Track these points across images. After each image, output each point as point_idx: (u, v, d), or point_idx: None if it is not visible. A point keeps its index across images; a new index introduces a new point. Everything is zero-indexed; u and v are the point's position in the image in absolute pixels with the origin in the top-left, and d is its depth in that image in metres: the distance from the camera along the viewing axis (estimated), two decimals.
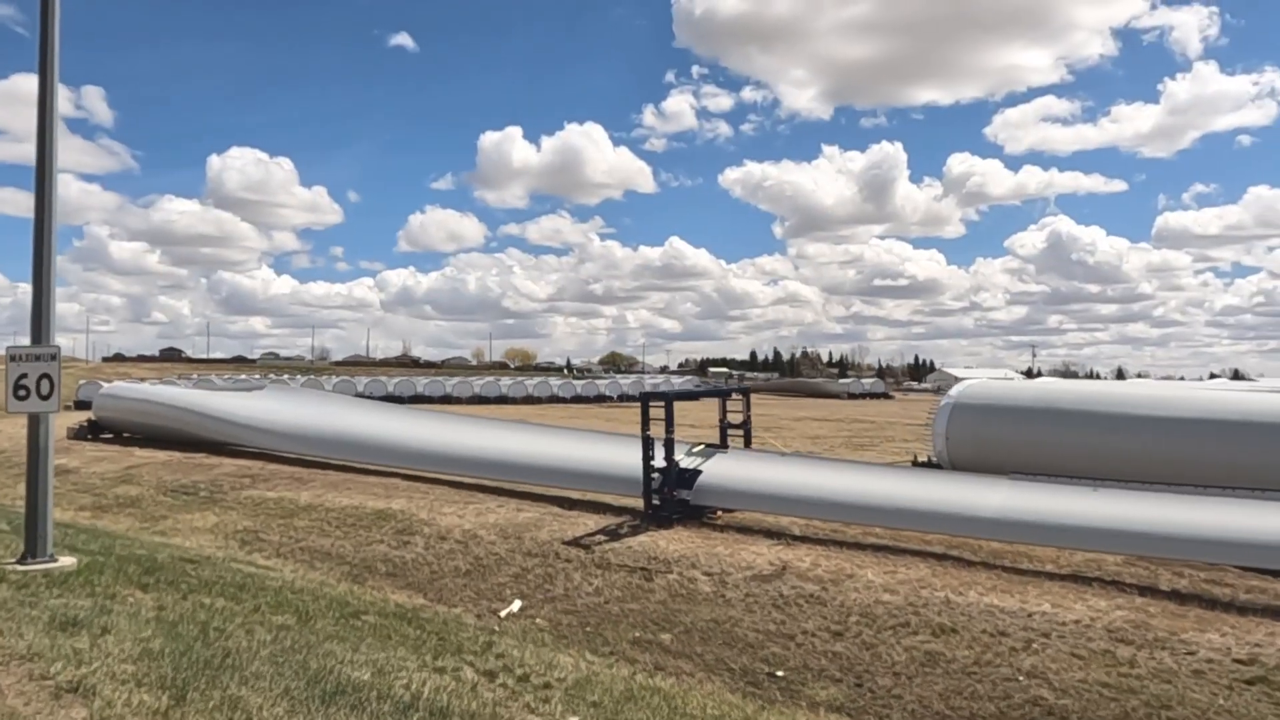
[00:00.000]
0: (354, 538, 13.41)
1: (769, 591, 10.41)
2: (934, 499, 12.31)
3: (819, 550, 12.08)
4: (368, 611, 7.96)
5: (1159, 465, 12.78)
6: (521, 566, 11.81)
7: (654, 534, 13.16)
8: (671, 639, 9.02)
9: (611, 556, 12.08)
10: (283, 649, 5.44)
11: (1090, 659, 8.09)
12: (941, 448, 16.02)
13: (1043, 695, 7.38)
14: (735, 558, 11.76)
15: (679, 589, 10.70)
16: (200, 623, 5.93)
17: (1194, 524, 10.65)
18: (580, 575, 11.35)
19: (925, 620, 9.22)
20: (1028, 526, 11.22)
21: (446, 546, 12.81)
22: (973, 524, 11.64)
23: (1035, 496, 11.70)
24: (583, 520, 14.20)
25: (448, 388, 77.82)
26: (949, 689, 7.64)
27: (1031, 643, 8.53)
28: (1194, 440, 13.10)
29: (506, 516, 14.39)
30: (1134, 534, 10.71)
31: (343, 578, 11.22)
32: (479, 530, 13.52)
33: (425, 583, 11.27)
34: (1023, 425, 15.02)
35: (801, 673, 8.10)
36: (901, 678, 7.93)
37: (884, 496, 12.91)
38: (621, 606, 10.14)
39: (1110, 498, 11.38)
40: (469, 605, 10.25)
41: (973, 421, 15.65)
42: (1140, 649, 8.24)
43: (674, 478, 14.13)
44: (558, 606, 10.20)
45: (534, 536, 13.12)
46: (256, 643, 5.53)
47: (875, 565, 11.23)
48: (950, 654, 8.36)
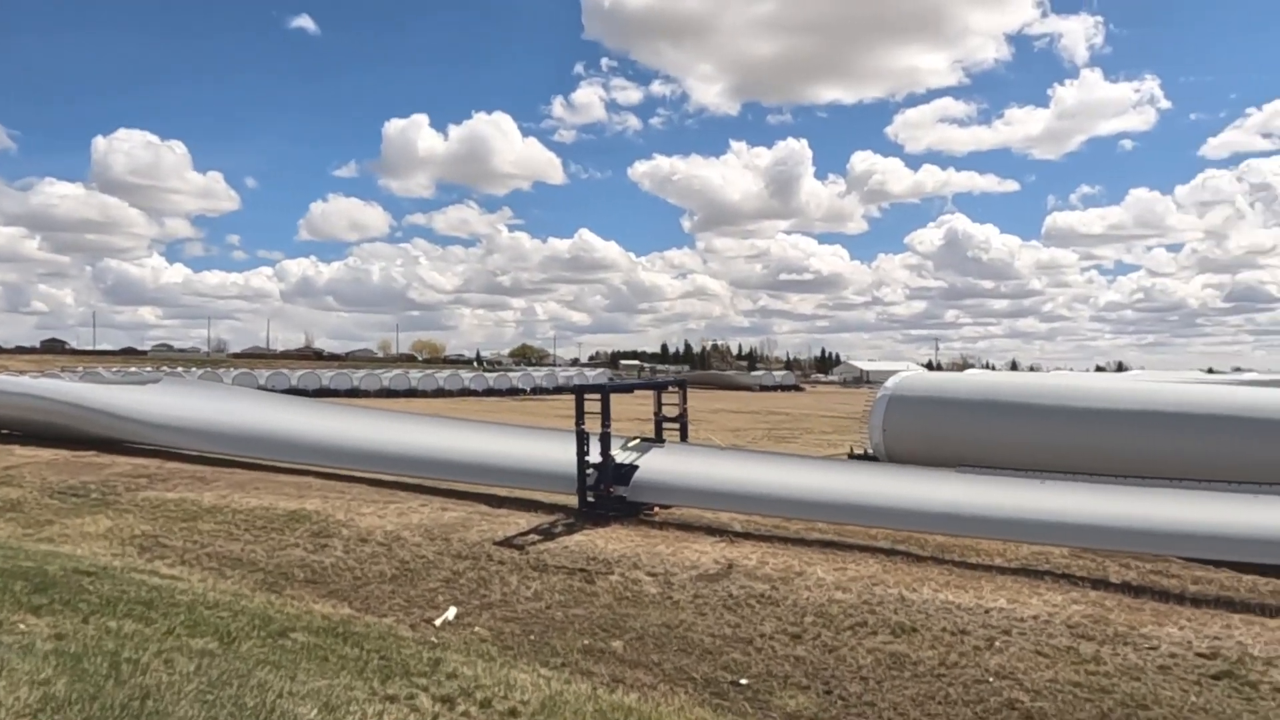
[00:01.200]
0: (266, 542, 12.43)
1: (718, 592, 9.98)
2: (880, 492, 12.09)
3: (764, 547, 11.73)
4: (295, 628, 7.17)
5: (1097, 457, 12.87)
6: (452, 570, 11.10)
7: (590, 532, 12.61)
8: (624, 646, 8.48)
9: (548, 557, 11.47)
10: (210, 682, 4.67)
11: (1056, 657, 7.89)
12: (878, 440, 15.90)
13: (1018, 698, 7.12)
14: (679, 556, 11.30)
15: (623, 591, 10.17)
16: (109, 654, 5.07)
17: (1138, 516, 10.68)
18: (517, 578, 10.71)
19: (883, 619, 8.92)
20: (978, 520, 11.08)
21: (369, 550, 11.97)
22: (921, 518, 11.45)
23: (983, 489, 11.59)
24: (513, 519, 13.54)
25: (355, 381, 75.43)
26: (921, 693, 7.32)
27: (994, 641, 8.30)
28: (1133, 432, 13.26)
29: (431, 516, 13.61)
30: (1081, 526, 10.67)
31: (257, 587, 10.30)
32: (402, 532, 12.72)
33: (349, 590, 10.44)
34: (960, 418, 15.01)
35: (766, 680, 7.66)
36: (870, 682, 7.57)
37: (827, 490, 12.65)
38: (565, 612, 9.55)
39: (1056, 490, 11.35)
40: (400, 614, 9.49)
41: (910, 414, 15.58)
42: (1103, 645, 8.09)
43: (610, 473, 13.59)
44: (497, 614, 9.54)
45: (463, 537, 12.40)
46: (179, 676, 4.73)
47: (824, 562, 10.92)
48: (915, 655, 8.06)
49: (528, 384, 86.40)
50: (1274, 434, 12.73)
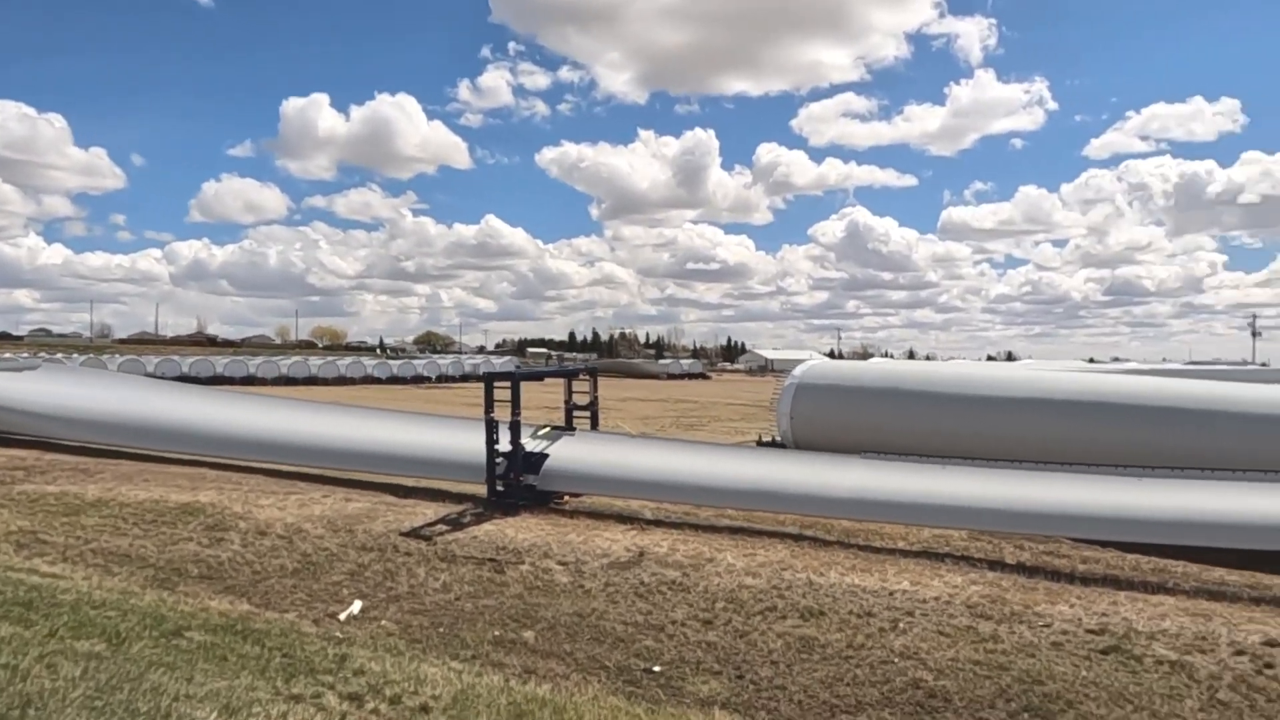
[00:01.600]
0: (156, 536, 11.84)
1: (629, 580, 9.96)
2: (788, 479, 12.28)
3: (675, 534, 11.77)
4: (190, 626, 6.82)
5: (994, 442, 13.36)
6: (357, 562, 10.78)
7: (500, 522, 12.44)
8: (535, 637, 8.38)
9: (457, 548, 11.26)
10: (99, 687, 4.37)
11: (957, 636, 8.14)
12: (786, 427, 16.16)
13: (922, 677, 7.31)
14: (589, 545, 11.24)
15: (534, 581, 10.06)
16: None
17: (1031, 499, 11.12)
18: (425, 570, 10.48)
19: (792, 604, 9.05)
20: (881, 505, 11.36)
21: (268, 543, 11.53)
22: (827, 504, 11.68)
23: (886, 475, 11.89)
24: (420, 509, 13.26)
25: (251, 368, 72.78)
26: (830, 675, 7.45)
27: (898, 622, 8.51)
28: (1025, 418, 13.80)
29: (334, 507, 13.21)
30: (978, 510, 11.05)
31: (148, 584, 9.81)
32: (304, 524, 12.30)
33: (248, 585, 10.03)
34: (866, 405, 15.37)
35: (679, 666, 7.69)
36: (780, 666, 7.67)
37: (736, 477, 12.78)
38: (475, 603, 9.39)
39: (956, 475, 11.72)
40: (302, 609, 9.16)
41: (817, 402, 15.87)
42: (1000, 624, 8.38)
43: (520, 462, 13.44)
44: (404, 606, 9.31)
45: (368, 529, 12.07)
46: (64, 682, 4.41)
47: (734, 548, 11.02)
48: (824, 638, 8.20)
49: (433, 372, 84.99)
50: (1151, 420, 13.42)
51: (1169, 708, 6.63)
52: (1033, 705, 6.79)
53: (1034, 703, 6.82)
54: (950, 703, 6.91)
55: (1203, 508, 10.51)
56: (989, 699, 6.92)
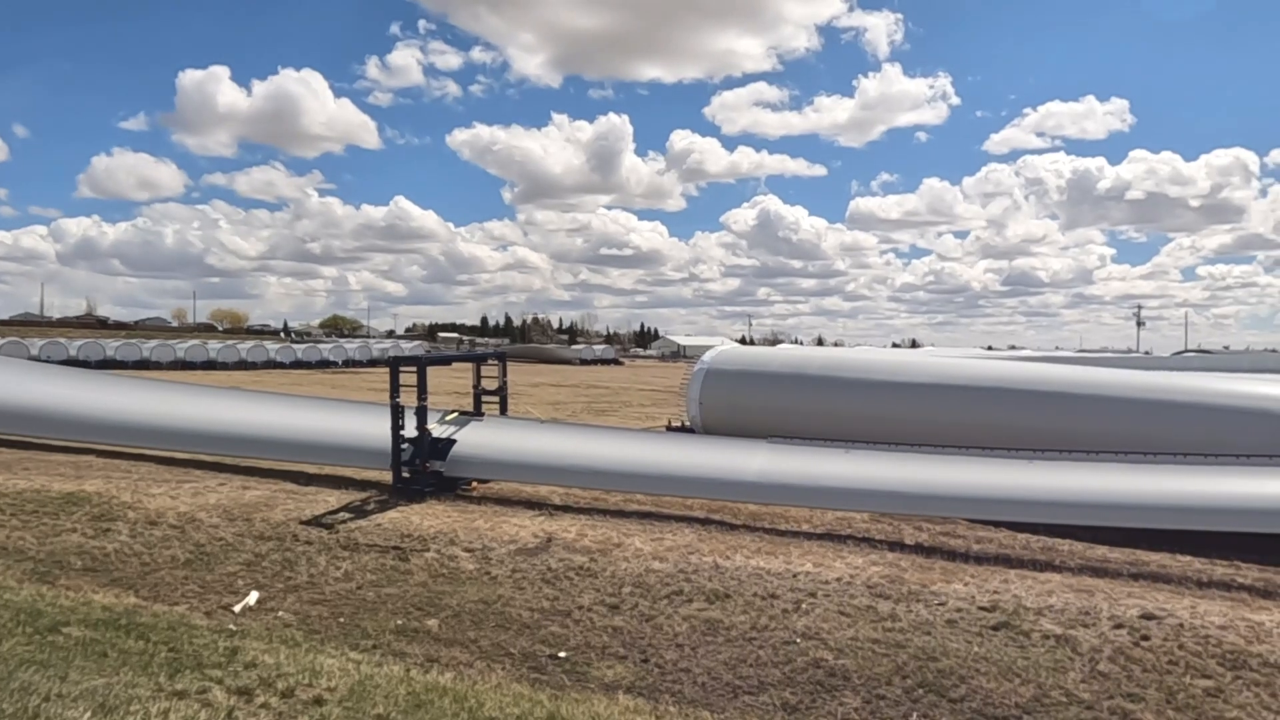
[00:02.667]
0: (37, 527, 11.25)
1: (537, 566, 9.90)
2: (696, 464, 12.37)
3: (583, 520, 11.75)
4: (69, 622, 6.48)
5: (898, 426, 13.72)
6: (254, 552, 10.44)
7: (405, 509, 12.22)
8: (439, 625, 8.25)
9: (360, 536, 11.01)
10: None
11: (857, 616, 8.33)
12: (695, 413, 16.28)
13: (823, 656, 7.46)
14: (497, 531, 11.13)
15: (439, 569, 9.90)
16: None
17: (930, 481, 11.45)
18: (325, 559, 10.21)
19: (698, 587, 9.12)
20: (786, 489, 11.55)
21: (159, 533, 11.08)
22: (734, 488, 11.81)
23: (792, 459, 12.08)
24: (322, 497, 12.92)
25: (145, 351, 69.60)
26: (733, 657, 7.54)
27: (801, 604, 8.66)
28: (926, 402, 14.21)
29: (231, 496, 12.77)
30: (880, 492, 11.34)
31: (26, 577, 9.30)
32: (198, 513, 11.86)
33: (135, 578, 9.61)
34: (773, 390, 15.58)
35: (585, 652, 7.67)
36: (685, 649, 7.73)
37: (646, 462, 12.82)
38: (378, 592, 9.19)
39: (858, 459, 11.99)
40: (194, 601, 8.82)
41: (725, 387, 16.03)
42: (899, 603, 8.61)
43: (426, 448, 13.20)
44: (303, 596, 9.06)
45: (266, 517, 11.70)
46: None
47: (641, 533, 11.06)
48: (728, 620, 8.30)
49: (339, 356, 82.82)
50: (1042, 405, 13.97)
51: (1054, 680, 6.91)
52: (927, 681, 6.99)
53: (929, 679, 7.03)
54: (849, 681, 7.07)
55: (1088, 488, 10.99)
56: (886, 676, 7.10)
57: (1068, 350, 50.35)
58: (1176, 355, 32.39)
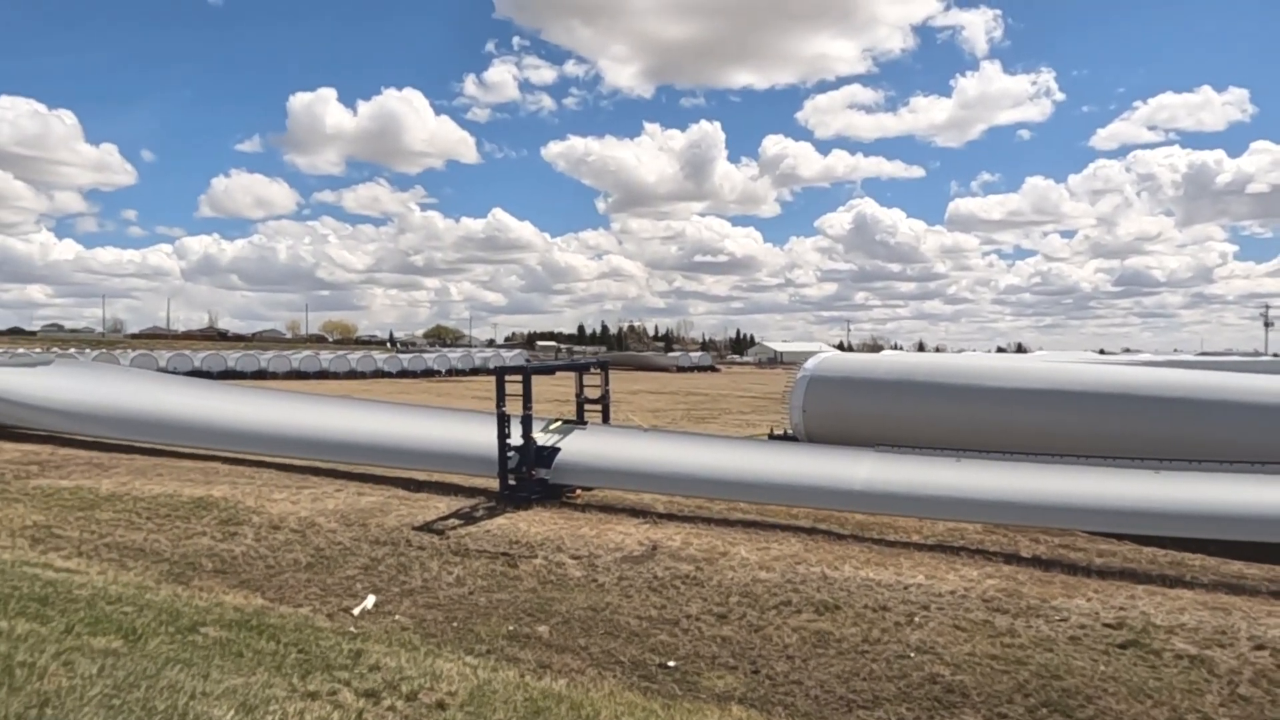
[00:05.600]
0: (170, 530, 11.89)
1: (643, 574, 9.94)
2: (800, 472, 12.23)
3: (687, 528, 11.74)
4: (205, 622, 6.83)
5: (1010, 434, 13.26)
6: (370, 557, 10.80)
7: (512, 516, 12.44)
8: (550, 631, 8.36)
9: (469, 542, 11.27)
10: (116, 685, 4.36)
11: (973, 630, 8.08)
12: (798, 420, 16.09)
13: (939, 671, 7.27)
14: (602, 539, 11.23)
15: (548, 575, 10.04)
16: (1, 657, 4.70)
17: (1046, 491, 11.03)
18: (438, 564, 10.48)
19: (806, 598, 9.01)
20: (894, 498, 11.30)
21: (281, 537, 11.56)
22: (841, 497, 11.62)
23: (899, 468, 11.82)
24: (433, 503, 13.27)
25: (262, 362, 73.01)
26: (846, 670, 7.41)
27: (914, 616, 8.46)
28: (1041, 410, 13.70)
29: (347, 501, 13.24)
30: (993, 503, 10.97)
31: (162, 578, 9.84)
32: (317, 518, 12.33)
33: (262, 580, 10.06)
34: (878, 398, 15.28)
35: (694, 661, 7.66)
36: (796, 661, 7.64)
37: (749, 470, 12.73)
38: (489, 597, 9.38)
39: (970, 468, 11.65)
40: (316, 604, 9.18)
41: (829, 394, 15.80)
42: (1017, 618, 8.32)
43: (532, 455, 13.42)
44: (418, 600, 9.31)
45: (380, 523, 12.09)
46: (81, 680, 4.40)
47: (747, 542, 10.99)
48: (839, 633, 8.16)
49: (443, 365, 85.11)
50: (1163, 412, 13.31)
51: (1189, 703, 6.57)
52: (1051, 700, 6.74)
53: (1053, 698, 6.77)
54: (968, 698, 6.86)
55: (1219, 500, 10.40)
56: (1007, 694, 6.87)
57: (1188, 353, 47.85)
58: None
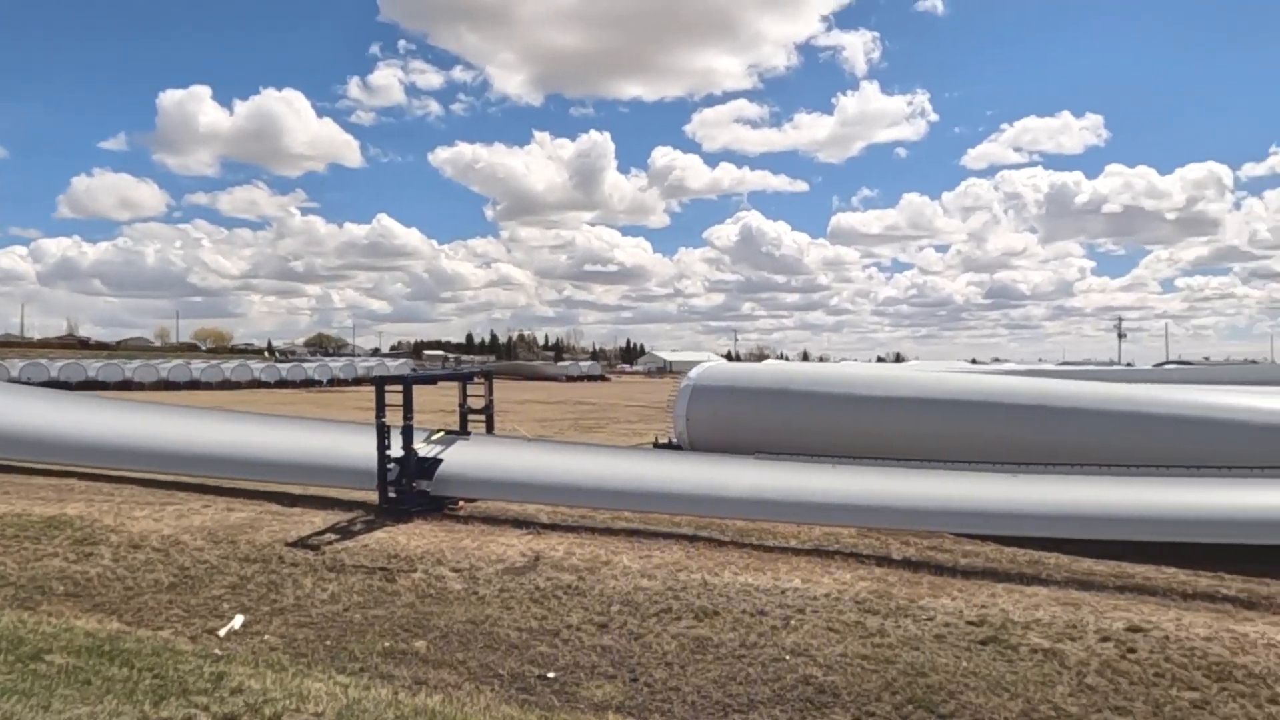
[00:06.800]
0: (18, 552, 11.13)
1: (524, 585, 9.86)
2: (683, 480, 12.37)
3: (570, 538, 11.72)
4: (51, 649, 6.41)
5: (884, 441, 13.76)
6: (239, 575, 10.36)
7: (392, 529, 12.16)
8: (427, 646, 8.20)
9: (346, 557, 10.95)
10: None
11: (845, 632, 8.33)
12: (682, 429, 16.28)
13: (812, 673, 7.45)
14: (484, 551, 11.09)
15: (427, 589, 9.85)
16: None
17: (916, 495, 11.49)
18: (311, 581, 10.14)
19: (687, 604, 9.11)
20: (773, 504, 11.55)
21: (142, 556, 10.97)
22: (722, 504, 11.81)
23: (779, 475, 12.09)
24: (308, 518, 12.85)
25: (127, 372, 69.24)
26: (723, 675, 7.52)
27: (789, 620, 8.66)
28: (913, 417, 14.26)
29: (216, 518, 12.68)
30: (866, 507, 11.36)
31: (7, 603, 9.19)
32: (182, 535, 11.77)
33: (119, 602, 9.51)
34: (760, 406, 15.61)
35: (574, 672, 7.63)
36: (674, 667, 7.70)
37: (633, 479, 12.81)
38: (364, 613, 9.13)
39: (845, 473, 12.02)
40: (179, 626, 8.74)
41: (712, 403, 16.05)
42: (887, 618, 8.62)
43: (413, 467, 13.16)
44: (289, 619, 8.98)
45: (251, 539, 11.62)
46: None
47: (630, 550, 11.04)
48: (717, 638, 8.28)
49: (325, 375, 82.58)
50: (1026, 418, 14.06)
51: (1042, 694, 6.93)
52: (917, 697, 6.99)
53: (918, 694, 7.03)
54: (839, 697, 7.06)
55: (1074, 501, 11.05)
56: (876, 692, 7.10)
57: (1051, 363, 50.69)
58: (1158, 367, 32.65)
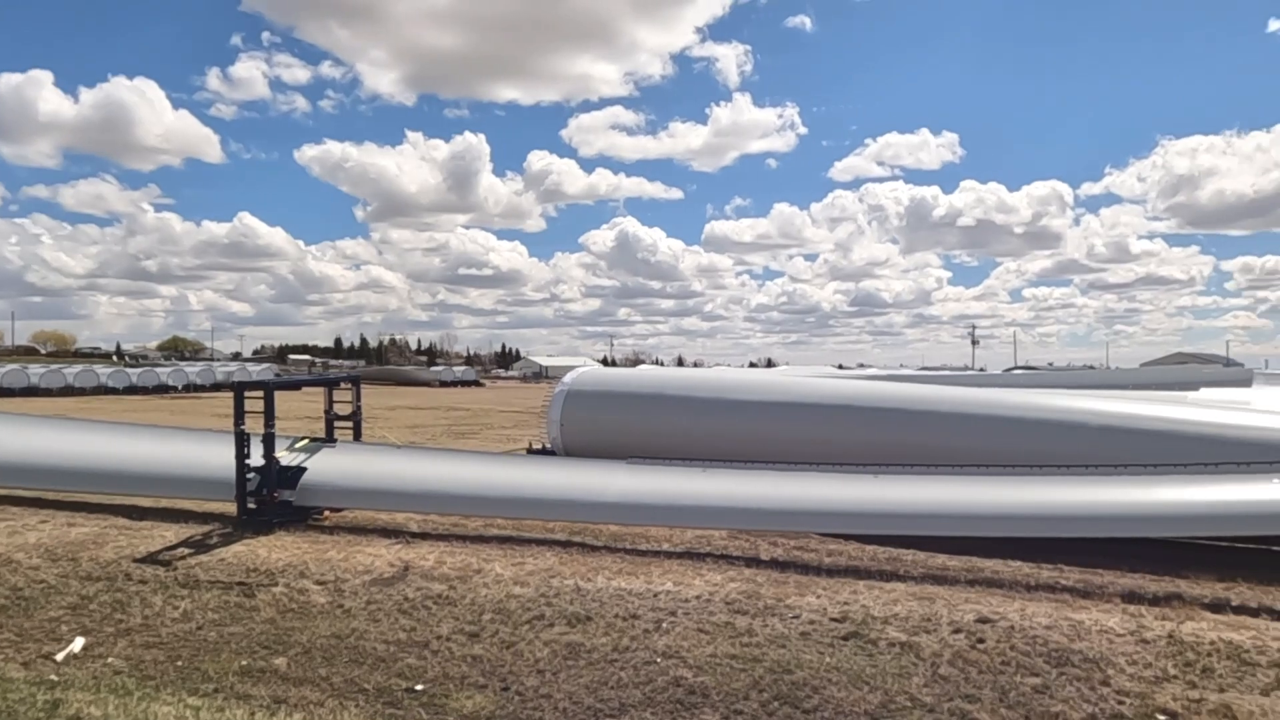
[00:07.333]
0: None
1: (393, 596, 9.62)
2: (557, 486, 12.35)
3: (441, 546, 11.52)
4: None
5: (754, 444, 14.08)
6: (80, 594, 9.71)
7: (251, 542, 11.66)
8: (288, 663, 7.87)
9: (201, 572, 10.42)
10: None
11: (715, 633, 8.47)
12: (556, 435, 16.22)
13: (683, 675, 7.54)
14: (350, 562, 10.77)
15: (288, 603, 9.47)
16: None
17: (783, 497, 11.82)
18: (161, 598, 9.60)
19: (560, 611, 9.08)
20: (646, 509, 11.66)
21: None
22: (596, 509, 11.84)
23: (651, 479, 12.22)
24: (158, 532, 12.18)
25: None
26: (595, 680, 7.52)
27: (662, 623, 8.75)
28: (781, 421, 14.66)
29: (54, 534, 11.86)
30: (737, 510, 11.60)
31: None
32: (15, 554, 10.96)
33: None
34: (633, 411, 15.72)
35: (443, 683, 7.48)
36: (547, 675, 7.65)
37: (506, 486, 12.69)
38: (220, 631, 8.69)
39: (716, 477, 12.25)
40: (10, 652, 8.10)
41: (586, 408, 16.06)
42: (755, 618, 8.82)
43: (274, 477, 12.64)
44: (136, 640, 8.46)
45: (95, 556, 10.93)
46: None
47: (502, 558, 10.93)
48: (589, 643, 8.28)
49: (180, 381, 78.45)
50: (886, 421, 14.67)
51: (899, 685, 7.23)
52: (783, 693, 7.18)
53: (784, 691, 7.21)
54: (708, 698, 7.17)
55: (930, 500, 11.59)
56: (744, 691, 7.24)
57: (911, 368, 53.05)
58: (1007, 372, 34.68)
